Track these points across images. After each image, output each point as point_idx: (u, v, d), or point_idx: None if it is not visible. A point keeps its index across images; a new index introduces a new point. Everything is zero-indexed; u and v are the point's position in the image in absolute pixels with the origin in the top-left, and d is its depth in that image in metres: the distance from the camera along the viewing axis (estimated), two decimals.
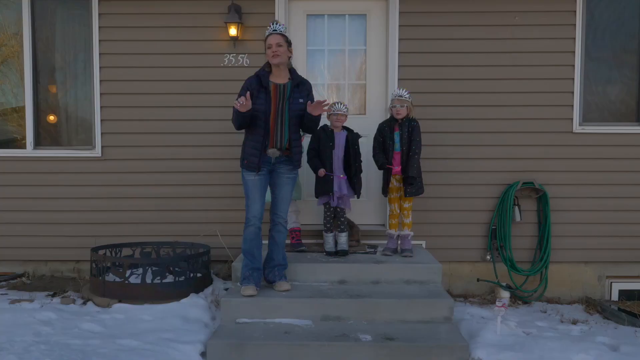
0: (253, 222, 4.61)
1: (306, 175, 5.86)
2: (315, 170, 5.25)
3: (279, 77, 4.56)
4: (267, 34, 4.50)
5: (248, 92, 4.27)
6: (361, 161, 5.41)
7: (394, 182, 5.34)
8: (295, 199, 5.57)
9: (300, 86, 4.60)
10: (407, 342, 4.09)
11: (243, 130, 4.61)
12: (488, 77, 5.89)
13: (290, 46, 4.56)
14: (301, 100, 4.57)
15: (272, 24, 4.51)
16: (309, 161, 5.33)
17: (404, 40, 5.88)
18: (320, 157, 5.25)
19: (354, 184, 5.29)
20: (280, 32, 4.47)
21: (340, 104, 5.27)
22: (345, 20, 6.13)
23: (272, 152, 4.56)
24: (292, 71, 4.64)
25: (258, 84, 4.47)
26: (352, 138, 5.32)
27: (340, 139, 5.29)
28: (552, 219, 5.88)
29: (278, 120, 4.53)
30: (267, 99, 4.47)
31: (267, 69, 4.56)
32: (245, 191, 4.62)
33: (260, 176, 4.57)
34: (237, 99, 4.26)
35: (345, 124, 5.36)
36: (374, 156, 5.38)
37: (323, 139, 5.24)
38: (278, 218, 4.77)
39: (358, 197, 5.49)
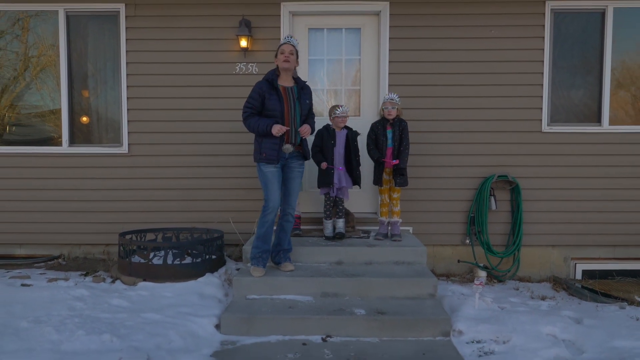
0: (272, 209, 4.50)
1: (308, 169, 5.83)
2: (319, 164, 5.24)
3: (286, 81, 4.54)
4: (281, 42, 4.50)
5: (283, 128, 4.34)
6: (359, 156, 5.39)
7: (385, 175, 5.31)
8: None
9: (304, 89, 4.61)
10: (397, 315, 4.07)
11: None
12: (468, 83, 5.84)
13: (298, 58, 4.55)
14: (307, 102, 4.60)
15: (287, 37, 4.52)
16: (313, 156, 5.31)
17: (393, 50, 5.83)
18: (323, 153, 5.24)
19: (355, 176, 5.27)
20: (293, 44, 4.48)
21: (343, 107, 5.23)
22: (342, 34, 6.07)
23: (287, 148, 4.50)
24: (295, 77, 4.62)
25: (269, 87, 4.42)
26: (352, 136, 5.29)
27: (340, 137, 5.26)
28: (523, 208, 5.85)
29: (291, 119, 4.48)
30: (280, 99, 4.42)
31: (277, 72, 4.51)
32: (264, 182, 4.50)
33: (277, 168, 4.51)
34: (267, 125, 4.34)
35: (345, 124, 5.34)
36: (368, 152, 5.35)
37: (325, 137, 5.24)
38: (288, 208, 4.70)
39: (360, 187, 5.49)
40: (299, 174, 4.68)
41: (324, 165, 5.18)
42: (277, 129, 4.31)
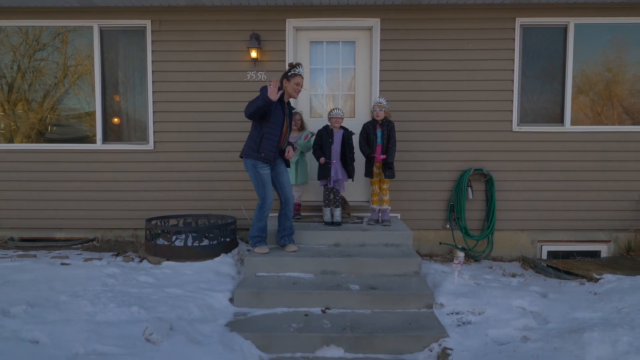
0: (269, 205, 4.54)
1: (309, 164, 5.79)
2: (318, 160, 5.20)
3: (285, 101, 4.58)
4: (297, 72, 4.40)
5: (278, 88, 4.19)
6: (354, 152, 5.33)
7: (375, 169, 5.27)
8: (302, 182, 5.56)
9: (289, 105, 4.66)
10: (387, 290, 4.03)
11: (250, 122, 4.59)
12: (448, 89, 5.77)
13: None
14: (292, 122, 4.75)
15: (300, 67, 4.41)
16: (313, 153, 5.27)
17: (384, 60, 5.76)
18: (322, 150, 5.20)
19: (349, 170, 5.23)
20: (302, 75, 4.47)
21: (339, 109, 5.19)
22: (339, 46, 5.99)
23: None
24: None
25: (277, 100, 4.37)
26: (347, 135, 5.24)
27: (337, 136, 5.21)
28: (496, 197, 5.80)
29: (287, 131, 4.55)
30: (284, 113, 4.46)
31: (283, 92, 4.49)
32: (261, 183, 4.47)
33: (270, 169, 4.52)
34: (266, 94, 4.16)
35: (341, 124, 5.27)
36: (360, 148, 5.30)
37: (324, 136, 5.21)
38: (285, 198, 4.69)
39: (353, 180, 5.43)
40: (285, 170, 4.67)
41: (322, 160, 5.14)
42: (272, 90, 4.13)
